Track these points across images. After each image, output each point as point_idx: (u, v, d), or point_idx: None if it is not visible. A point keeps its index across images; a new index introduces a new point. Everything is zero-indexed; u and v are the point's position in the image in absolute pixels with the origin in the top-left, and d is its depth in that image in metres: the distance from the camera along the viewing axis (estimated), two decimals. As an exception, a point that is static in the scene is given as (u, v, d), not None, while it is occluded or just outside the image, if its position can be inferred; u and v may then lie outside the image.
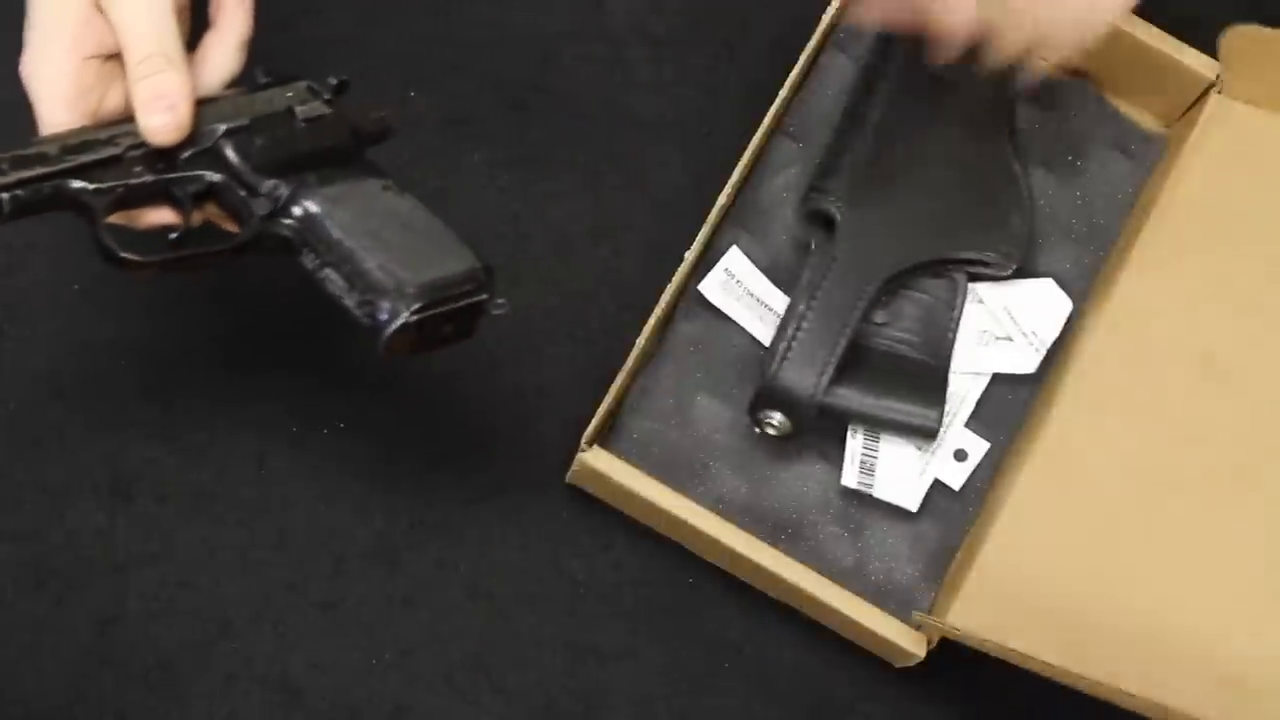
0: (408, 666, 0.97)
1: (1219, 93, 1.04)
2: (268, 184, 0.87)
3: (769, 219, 1.03)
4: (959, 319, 1.01)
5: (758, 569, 0.97)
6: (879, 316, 1.00)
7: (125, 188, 0.85)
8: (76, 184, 0.84)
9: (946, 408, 0.99)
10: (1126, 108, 1.08)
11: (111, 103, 0.87)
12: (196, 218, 0.87)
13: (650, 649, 0.99)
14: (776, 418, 0.97)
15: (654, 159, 1.07)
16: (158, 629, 0.97)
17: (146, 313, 1.01)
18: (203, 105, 0.87)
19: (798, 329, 0.97)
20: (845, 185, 1.00)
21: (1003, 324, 1.02)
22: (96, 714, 0.95)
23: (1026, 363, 1.01)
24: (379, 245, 0.86)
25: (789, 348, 0.97)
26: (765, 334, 1.00)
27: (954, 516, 1.00)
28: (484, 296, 0.87)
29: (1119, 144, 1.07)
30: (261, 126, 0.88)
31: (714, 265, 1.01)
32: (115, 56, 0.86)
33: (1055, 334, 1.02)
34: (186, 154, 0.86)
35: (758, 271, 1.02)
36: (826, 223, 1.00)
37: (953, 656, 0.95)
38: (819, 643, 0.99)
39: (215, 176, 0.87)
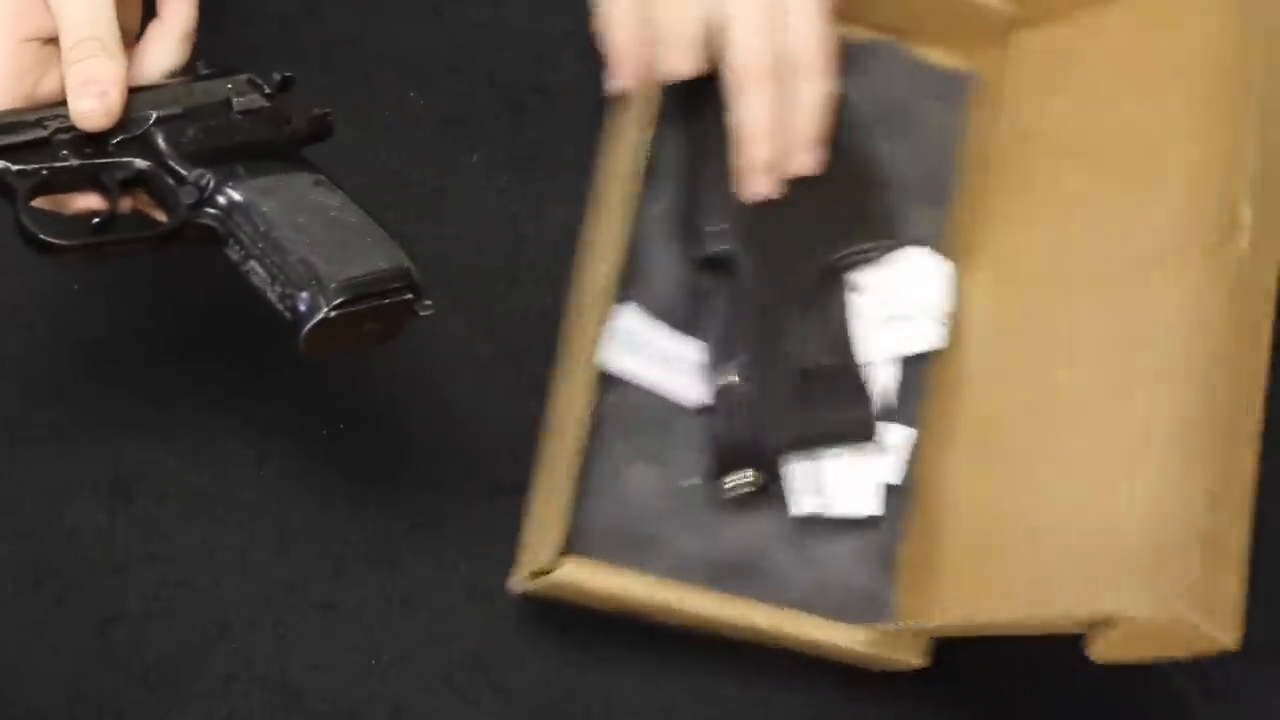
0: (408, 666, 0.97)
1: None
2: (194, 173, 0.86)
3: (648, 265, 1.01)
4: (854, 312, 0.99)
5: (735, 628, 0.96)
6: (788, 339, 0.98)
7: (50, 171, 0.84)
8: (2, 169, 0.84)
9: (876, 402, 0.98)
10: (935, 55, 1.07)
11: (49, 86, 0.86)
12: (125, 205, 0.87)
13: (649, 650, 0.99)
14: (749, 474, 0.96)
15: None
16: (158, 629, 0.97)
17: (146, 313, 1.01)
18: (138, 93, 0.87)
19: (737, 380, 0.96)
20: (731, 221, 0.99)
21: (893, 305, 1.00)
22: (96, 714, 0.95)
23: (934, 336, 1.00)
24: (303, 239, 0.85)
25: (737, 401, 0.96)
26: (680, 385, 0.98)
27: (902, 509, 0.99)
28: (409, 296, 0.86)
29: (937, 93, 1.06)
30: (195, 116, 0.88)
31: (610, 330, 0.99)
32: (55, 40, 0.86)
33: (948, 299, 1.00)
34: (116, 140, 0.86)
35: (656, 323, 1.00)
36: (721, 265, 0.98)
37: (949, 653, 0.95)
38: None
39: (144, 164, 0.86)
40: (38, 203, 0.85)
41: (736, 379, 0.96)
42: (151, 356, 1.00)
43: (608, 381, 0.99)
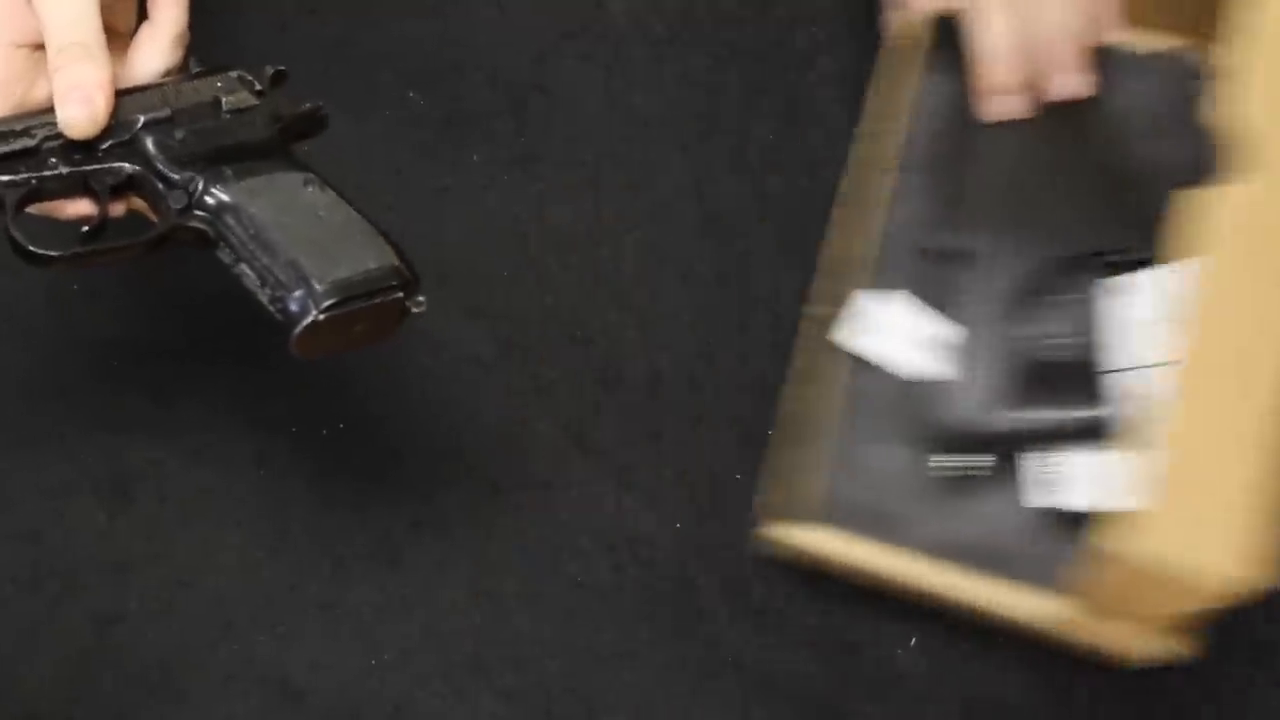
0: (408, 666, 0.97)
1: None
2: (182, 176, 0.86)
3: (892, 257, 1.01)
4: (1107, 311, 0.99)
5: (999, 616, 0.95)
6: (1028, 329, 0.99)
7: (39, 179, 0.84)
8: None
9: (1125, 404, 0.97)
10: (1204, 54, 1.05)
11: (40, 92, 0.86)
12: (119, 209, 0.87)
13: (650, 650, 0.99)
14: (976, 458, 0.96)
15: (654, 159, 1.07)
16: (158, 629, 0.97)
17: (146, 313, 1.01)
18: (126, 96, 0.86)
19: (968, 366, 0.96)
20: (973, 214, 1.00)
21: (1154, 309, 0.98)
22: (96, 714, 0.95)
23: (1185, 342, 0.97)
24: (291, 241, 0.85)
25: (969, 386, 0.96)
26: (917, 365, 0.98)
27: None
28: (399, 295, 0.86)
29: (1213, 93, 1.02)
30: (183, 118, 0.87)
31: (845, 312, 0.99)
32: (44, 46, 0.85)
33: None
34: (105, 145, 0.86)
35: (897, 305, 1.00)
36: (966, 258, 0.99)
37: (946, 654, 0.96)
38: (817, 644, 1.00)
39: (132, 169, 0.86)
40: (30, 210, 0.85)
41: (971, 365, 0.96)
42: (152, 357, 1.01)
43: (855, 361, 1.00)
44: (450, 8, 1.09)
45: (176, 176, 0.86)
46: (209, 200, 0.86)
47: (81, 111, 0.84)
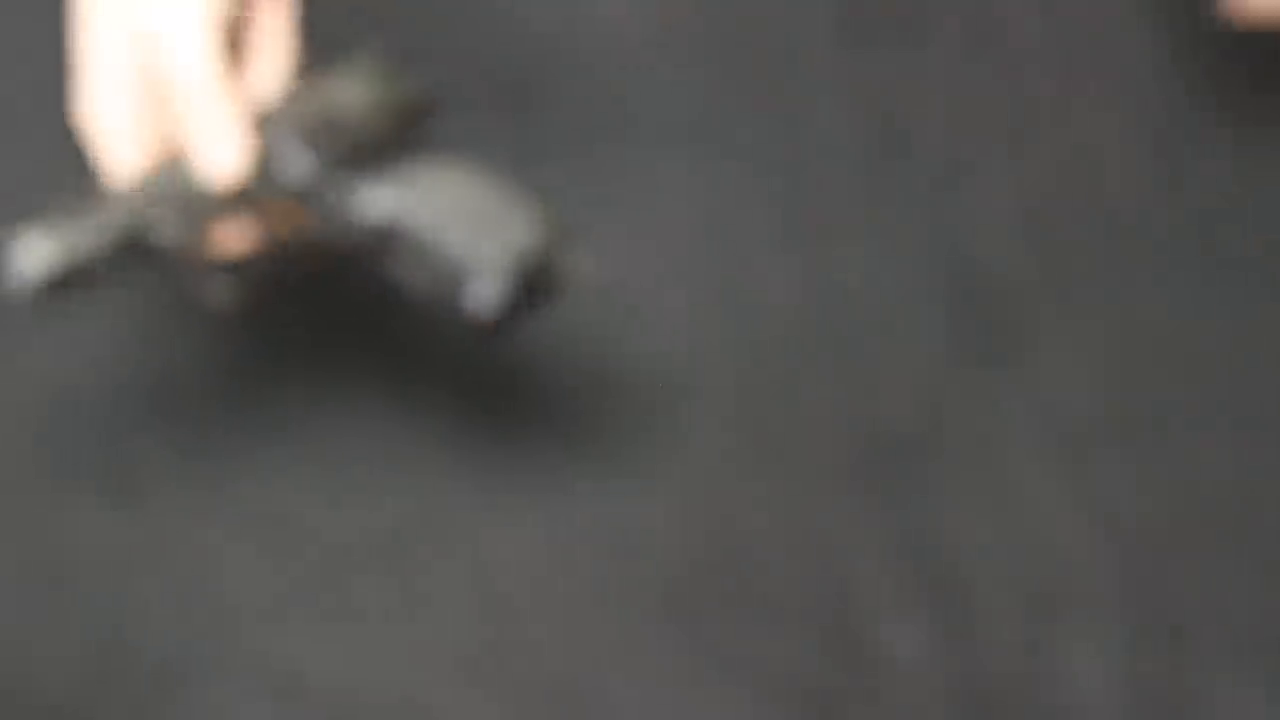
0: (410, 665, 0.97)
1: None
2: (332, 191, 0.86)
3: None
4: None
5: None
6: None
7: (203, 226, 0.85)
8: (155, 235, 0.84)
9: None
10: None
11: (171, 133, 0.86)
12: (282, 236, 0.87)
13: (650, 650, 1.00)
14: None
15: (654, 159, 1.07)
16: (158, 629, 0.97)
17: (147, 313, 1.01)
18: (260, 122, 0.86)
19: None
20: None
21: None
22: (97, 714, 0.95)
23: None
24: (454, 231, 0.85)
25: None
26: None
27: None
28: (566, 259, 0.86)
29: None
30: (314, 133, 0.87)
31: None
32: (168, 88, 0.85)
33: None
34: (253, 178, 0.86)
35: None
36: None
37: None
38: (822, 644, 1.00)
39: (285, 194, 0.86)
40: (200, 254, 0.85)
41: None
42: (152, 356, 1.01)
43: None
44: (449, 7, 1.09)
45: (328, 193, 0.85)
46: (366, 210, 0.85)
47: (223, 159, 0.84)
